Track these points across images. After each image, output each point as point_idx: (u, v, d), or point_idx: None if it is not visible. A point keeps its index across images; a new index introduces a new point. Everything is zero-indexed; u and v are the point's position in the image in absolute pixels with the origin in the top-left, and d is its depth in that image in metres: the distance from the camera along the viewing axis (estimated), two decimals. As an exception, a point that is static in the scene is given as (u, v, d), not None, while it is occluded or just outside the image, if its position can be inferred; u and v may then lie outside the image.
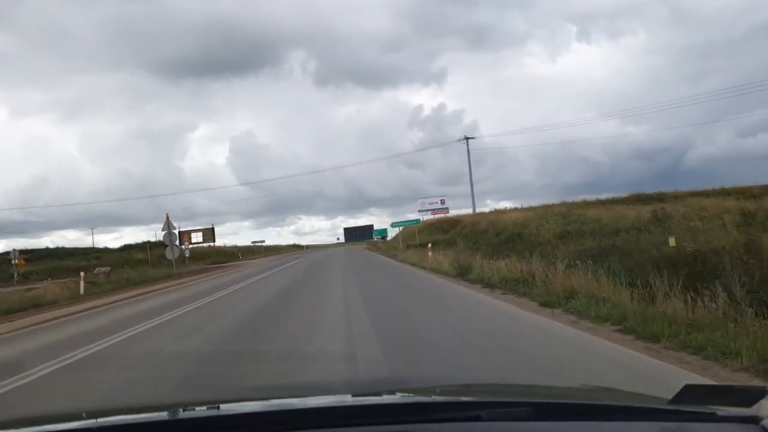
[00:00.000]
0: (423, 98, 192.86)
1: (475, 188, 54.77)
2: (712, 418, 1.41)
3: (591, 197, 41.29)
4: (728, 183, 38.10)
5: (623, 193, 40.83)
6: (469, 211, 54.74)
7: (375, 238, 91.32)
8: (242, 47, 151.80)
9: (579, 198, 41.35)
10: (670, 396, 1.60)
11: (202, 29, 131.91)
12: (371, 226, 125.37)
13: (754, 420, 1.37)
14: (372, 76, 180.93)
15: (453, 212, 54.16)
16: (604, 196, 41.00)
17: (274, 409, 1.79)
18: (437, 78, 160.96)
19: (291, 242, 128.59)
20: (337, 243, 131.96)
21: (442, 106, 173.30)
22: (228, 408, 1.84)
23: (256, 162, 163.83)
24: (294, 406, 1.86)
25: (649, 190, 40.55)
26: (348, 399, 2.02)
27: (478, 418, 1.46)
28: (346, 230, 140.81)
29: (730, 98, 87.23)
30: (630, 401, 1.88)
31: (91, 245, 71.84)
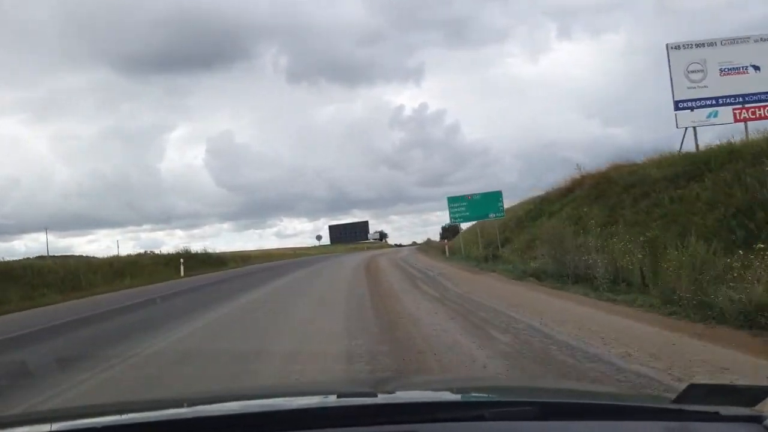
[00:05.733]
0: (404, 98, 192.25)
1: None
2: (716, 417, 1.41)
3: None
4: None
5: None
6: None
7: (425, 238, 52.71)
8: (217, 42, 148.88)
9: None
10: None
11: (176, 23, 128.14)
12: (366, 223, 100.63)
13: (757, 419, 1.37)
14: (350, 74, 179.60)
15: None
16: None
17: (274, 409, 1.77)
18: (416, 76, 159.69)
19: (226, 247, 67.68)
20: (318, 246, 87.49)
21: (423, 106, 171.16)
22: (225, 408, 1.81)
23: (234, 163, 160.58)
24: (295, 406, 1.83)
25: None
26: (350, 398, 2.00)
27: (481, 418, 1.45)
28: (332, 229, 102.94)
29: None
30: (633, 401, 1.88)
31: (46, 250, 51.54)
